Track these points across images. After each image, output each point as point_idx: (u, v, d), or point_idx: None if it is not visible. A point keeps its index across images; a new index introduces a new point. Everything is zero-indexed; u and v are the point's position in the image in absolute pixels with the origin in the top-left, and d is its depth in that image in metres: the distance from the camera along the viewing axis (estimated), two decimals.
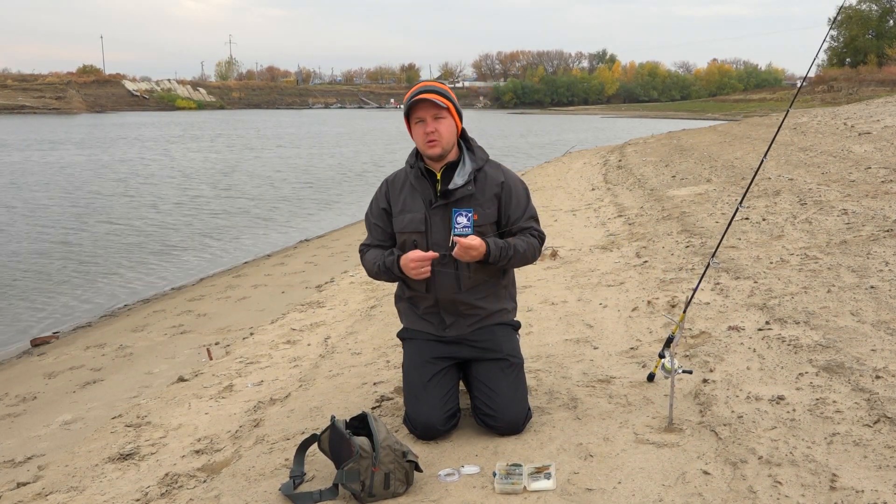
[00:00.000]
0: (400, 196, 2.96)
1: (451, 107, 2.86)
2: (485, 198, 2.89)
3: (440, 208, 2.87)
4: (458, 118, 2.91)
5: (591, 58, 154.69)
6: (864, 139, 12.55)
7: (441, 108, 2.81)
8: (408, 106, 2.85)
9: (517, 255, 2.86)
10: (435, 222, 2.88)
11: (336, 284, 7.24)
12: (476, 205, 2.87)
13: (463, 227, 2.83)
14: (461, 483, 2.50)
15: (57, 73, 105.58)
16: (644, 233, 7.08)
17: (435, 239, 2.87)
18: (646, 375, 3.35)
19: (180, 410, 3.84)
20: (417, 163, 2.93)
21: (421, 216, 2.88)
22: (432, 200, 2.88)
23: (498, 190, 2.91)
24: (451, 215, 2.85)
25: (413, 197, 2.92)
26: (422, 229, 2.88)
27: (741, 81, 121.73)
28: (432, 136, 2.82)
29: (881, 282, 4.39)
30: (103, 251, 11.18)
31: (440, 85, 2.92)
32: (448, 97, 2.86)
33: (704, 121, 48.29)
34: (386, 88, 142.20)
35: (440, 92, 2.85)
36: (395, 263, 2.87)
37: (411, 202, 2.92)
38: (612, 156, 17.92)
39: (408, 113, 2.88)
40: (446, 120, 2.85)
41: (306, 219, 14.83)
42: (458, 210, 2.85)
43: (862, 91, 46.75)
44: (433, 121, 2.82)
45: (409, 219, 2.90)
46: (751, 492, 2.28)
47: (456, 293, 2.89)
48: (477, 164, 2.91)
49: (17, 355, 6.69)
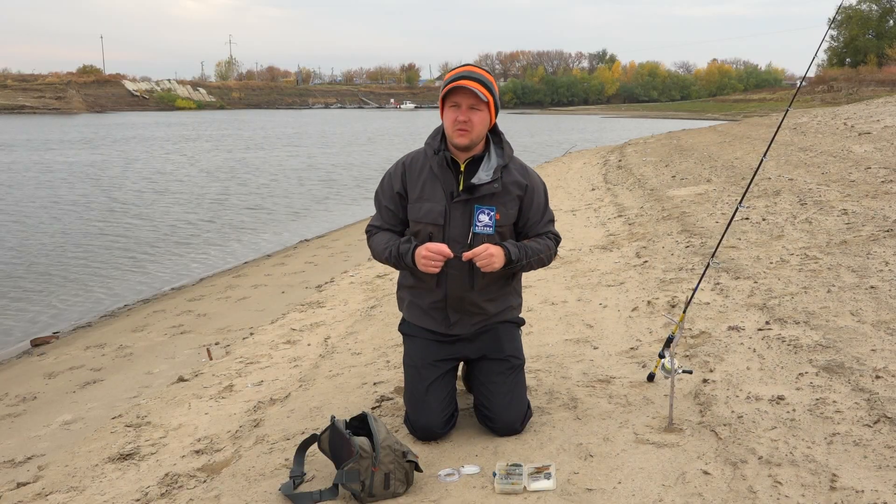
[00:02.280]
0: (419, 182, 2.79)
1: (491, 101, 2.73)
2: (508, 198, 2.77)
3: (461, 203, 2.74)
4: (494, 112, 2.77)
5: (591, 58, 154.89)
6: (864, 139, 12.55)
7: (481, 100, 2.68)
8: (447, 88, 2.69)
9: (535, 258, 2.79)
10: (454, 217, 2.74)
11: (336, 284, 7.24)
12: (499, 203, 2.75)
13: (484, 225, 2.73)
14: (461, 483, 2.50)
15: (57, 73, 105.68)
16: (644, 233, 7.07)
17: (452, 234, 2.74)
18: (646, 375, 3.35)
19: (180, 410, 3.84)
20: (443, 150, 2.77)
21: (441, 208, 2.74)
22: (454, 193, 2.74)
23: (521, 192, 2.80)
24: (472, 211, 2.74)
25: (433, 185, 2.77)
26: (440, 222, 2.74)
27: (741, 81, 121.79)
28: (464, 126, 2.68)
29: (881, 282, 4.39)
30: (103, 251, 11.17)
31: (485, 74, 2.75)
32: (490, 89, 2.71)
33: (704, 121, 48.32)
34: (386, 88, 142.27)
35: (483, 82, 2.70)
36: (409, 252, 2.71)
37: (431, 191, 2.77)
38: (612, 156, 17.92)
39: (444, 94, 2.72)
40: (482, 112, 2.71)
41: (309, 218, 14.84)
42: (480, 207, 2.73)
43: (862, 91, 46.80)
44: (468, 110, 2.67)
45: (427, 209, 2.76)
46: (751, 492, 2.28)
47: (467, 292, 2.81)
48: (503, 161, 2.78)
49: (17, 355, 6.68)
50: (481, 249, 2.64)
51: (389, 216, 2.88)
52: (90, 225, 13.36)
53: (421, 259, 2.66)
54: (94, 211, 14.99)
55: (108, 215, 14.47)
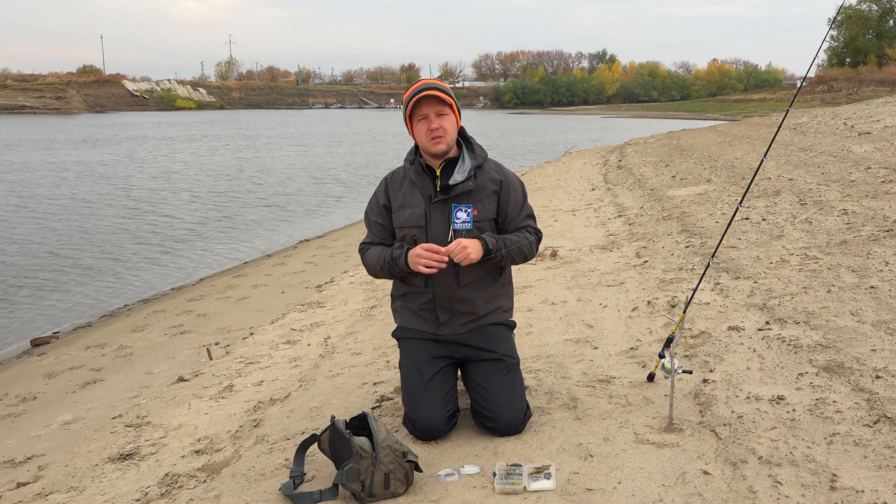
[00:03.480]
0: (399, 192, 2.96)
1: (453, 103, 2.89)
2: (484, 194, 2.90)
3: (440, 203, 2.88)
4: (458, 115, 2.93)
5: (591, 58, 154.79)
6: (864, 139, 12.55)
7: (444, 104, 2.84)
8: (411, 104, 2.85)
9: (514, 248, 2.88)
10: (434, 217, 2.88)
11: (336, 284, 7.24)
12: (475, 200, 2.88)
13: (462, 221, 2.86)
14: (461, 483, 2.50)
15: (57, 73, 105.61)
16: (644, 233, 7.08)
17: (434, 234, 2.87)
18: (646, 375, 3.35)
19: (180, 410, 3.84)
20: (417, 159, 2.93)
21: (421, 211, 2.89)
22: (432, 195, 2.89)
23: (496, 187, 2.93)
24: (450, 210, 2.87)
25: (412, 192, 2.93)
26: (421, 224, 2.89)
27: (741, 81, 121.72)
28: (437, 133, 2.83)
29: (881, 282, 4.39)
30: (104, 251, 11.18)
31: (439, 82, 2.93)
32: (449, 94, 2.88)
33: (704, 121, 48.30)
34: (386, 88, 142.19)
35: (441, 89, 2.86)
36: (402, 256, 2.84)
37: (411, 197, 2.93)
38: (612, 156, 17.92)
39: (410, 111, 2.88)
40: (449, 117, 2.87)
41: (312, 218, 14.85)
42: (457, 205, 2.87)
43: (862, 91, 46.77)
44: (437, 117, 2.83)
45: (408, 213, 2.91)
46: (751, 492, 2.28)
47: (454, 289, 2.89)
48: (477, 162, 2.93)
49: (17, 355, 6.69)
50: (454, 244, 2.76)
51: (379, 230, 3.02)
52: (90, 225, 13.36)
53: (415, 258, 2.78)
54: (94, 211, 14.99)
55: (107, 215, 14.47)
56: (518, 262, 2.98)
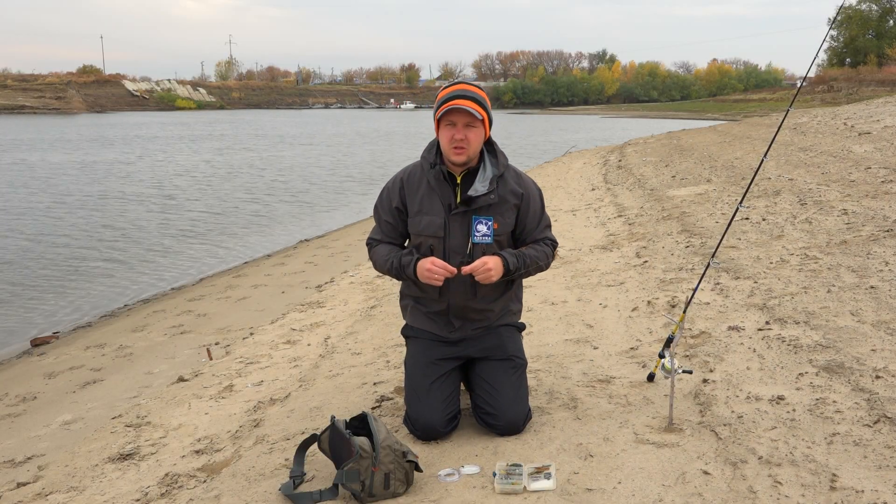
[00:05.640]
0: (417, 196, 2.87)
1: (486, 118, 2.78)
2: (505, 207, 2.84)
3: (460, 215, 2.82)
4: (488, 127, 2.83)
5: (591, 58, 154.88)
6: (864, 139, 12.55)
7: (476, 118, 2.74)
8: (442, 108, 2.74)
9: (533, 265, 2.86)
10: (454, 228, 2.82)
11: (336, 284, 7.24)
12: (496, 213, 2.82)
13: (483, 235, 2.80)
14: (461, 483, 2.50)
15: (57, 73, 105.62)
16: (644, 233, 7.07)
17: (452, 245, 2.82)
18: (646, 375, 3.35)
19: (180, 410, 3.84)
20: (439, 164, 2.84)
21: (440, 221, 2.82)
22: (452, 205, 2.82)
23: (517, 200, 2.87)
24: (470, 222, 2.81)
25: (431, 199, 2.84)
26: (440, 234, 2.82)
27: (741, 81, 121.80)
28: (461, 144, 2.74)
29: (881, 282, 4.39)
30: (103, 251, 11.17)
31: (478, 91, 2.81)
32: (485, 106, 2.78)
33: (704, 121, 48.31)
34: (386, 88, 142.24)
35: (478, 100, 2.75)
36: (410, 265, 2.79)
37: (429, 204, 2.84)
38: (612, 156, 17.93)
39: (439, 114, 2.79)
40: (478, 129, 2.77)
41: (313, 218, 14.85)
42: (478, 218, 2.80)
43: (862, 91, 46.77)
44: (464, 128, 2.74)
45: (427, 222, 2.84)
46: (751, 492, 2.28)
47: (470, 300, 2.87)
48: (498, 171, 2.84)
49: (17, 355, 6.69)
50: (479, 264, 2.72)
51: (389, 229, 2.96)
52: (91, 225, 13.35)
53: (424, 272, 2.74)
54: (94, 211, 14.98)
55: (108, 215, 14.46)
56: (535, 274, 2.95)
